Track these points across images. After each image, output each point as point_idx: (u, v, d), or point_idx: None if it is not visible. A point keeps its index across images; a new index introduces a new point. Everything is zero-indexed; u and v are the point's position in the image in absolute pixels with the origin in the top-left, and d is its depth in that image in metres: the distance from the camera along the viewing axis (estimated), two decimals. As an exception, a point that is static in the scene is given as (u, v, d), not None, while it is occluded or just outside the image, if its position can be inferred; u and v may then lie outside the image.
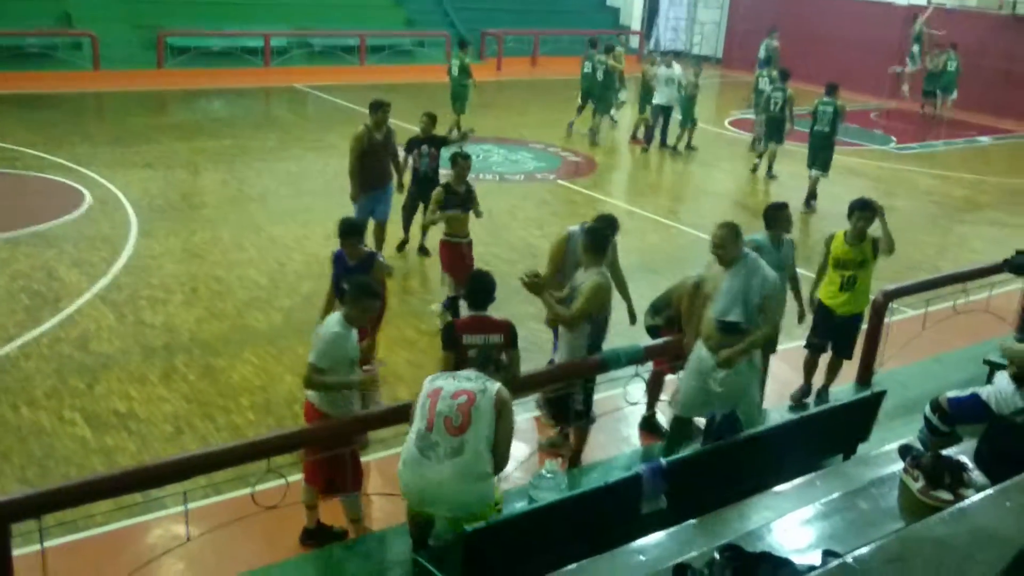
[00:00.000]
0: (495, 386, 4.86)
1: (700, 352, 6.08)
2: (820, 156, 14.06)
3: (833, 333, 7.66)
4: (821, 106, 13.99)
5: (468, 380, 4.89)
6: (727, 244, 5.94)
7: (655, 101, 17.10)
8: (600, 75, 17.77)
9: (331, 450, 5.49)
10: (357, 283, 5.67)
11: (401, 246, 10.90)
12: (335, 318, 5.52)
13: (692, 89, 17.29)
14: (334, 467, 5.56)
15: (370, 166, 10.04)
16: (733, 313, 5.89)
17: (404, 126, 17.64)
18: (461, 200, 8.96)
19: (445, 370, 5.53)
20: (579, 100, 18.44)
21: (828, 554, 3.57)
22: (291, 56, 23.76)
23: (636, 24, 30.54)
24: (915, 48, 22.97)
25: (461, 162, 9.01)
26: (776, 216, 7.41)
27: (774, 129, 15.52)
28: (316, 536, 5.72)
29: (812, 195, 14.08)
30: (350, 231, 6.87)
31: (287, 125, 18.06)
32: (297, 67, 23.19)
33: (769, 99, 15.53)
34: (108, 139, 15.59)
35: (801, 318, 7.75)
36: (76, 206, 11.84)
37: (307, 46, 24.28)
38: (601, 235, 6.55)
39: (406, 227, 10.87)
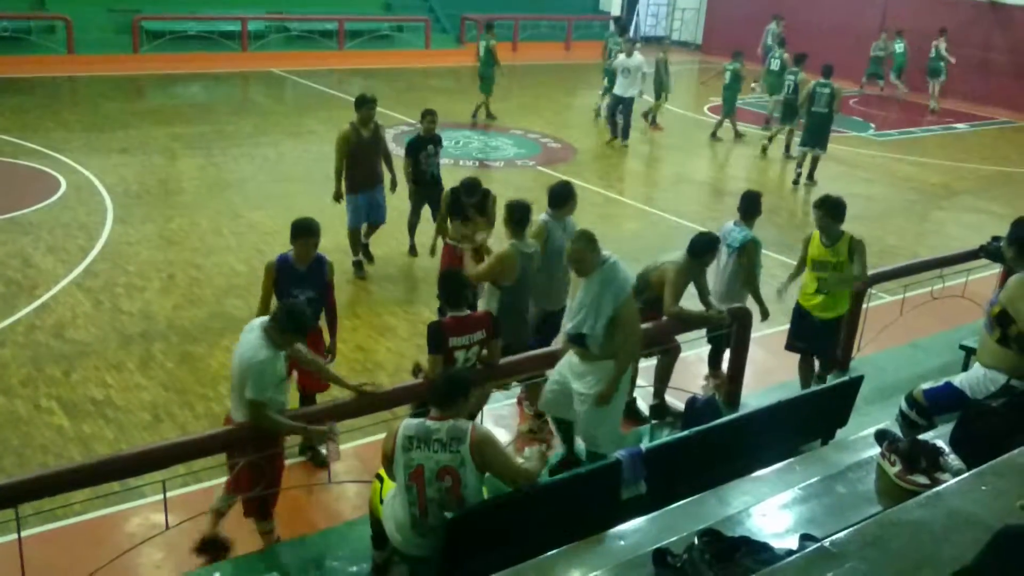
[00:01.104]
0: (466, 447, 4.52)
1: (570, 356, 5.89)
2: (818, 136, 14.55)
3: (811, 337, 7.35)
4: (819, 88, 14.39)
5: (442, 447, 4.50)
6: (585, 258, 5.56)
7: (614, 91, 16.51)
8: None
9: (260, 471, 5.16)
10: (290, 311, 5.14)
11: (412, 250, 10.28)
12: (258, 341, 5.04)
13: (733, 79, 17.27)
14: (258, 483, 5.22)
15: (358, 166, 9.45)
16: (585, 325, 5.52)
17: (386, 112, 17.59)
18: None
19: (434, 374, 5.47)
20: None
21: (806, 538, 3.60)
22: (269, 40, 23.56)
23: (616, 10, 30.48)
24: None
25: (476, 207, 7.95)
26: (759, 205, 7.45)
27: (789, 111, 15.80)
28: (208, 548, 5.37)
29: (810, 173, 14.74)
30: (305, 231, 6.15)
31: (265, 110, 17.92)
32: (275, 52, 23.00)
33: (783, 82, 15.88)
34: (83, 124, 15.42)
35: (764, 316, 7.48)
36: (51, 193, 11.71)
37: (285, 30, 24.08)
38: (520, 208, 6.67)
39: (412, 231, 10.27)
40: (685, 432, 5.74)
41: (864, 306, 8.11)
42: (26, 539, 4.72)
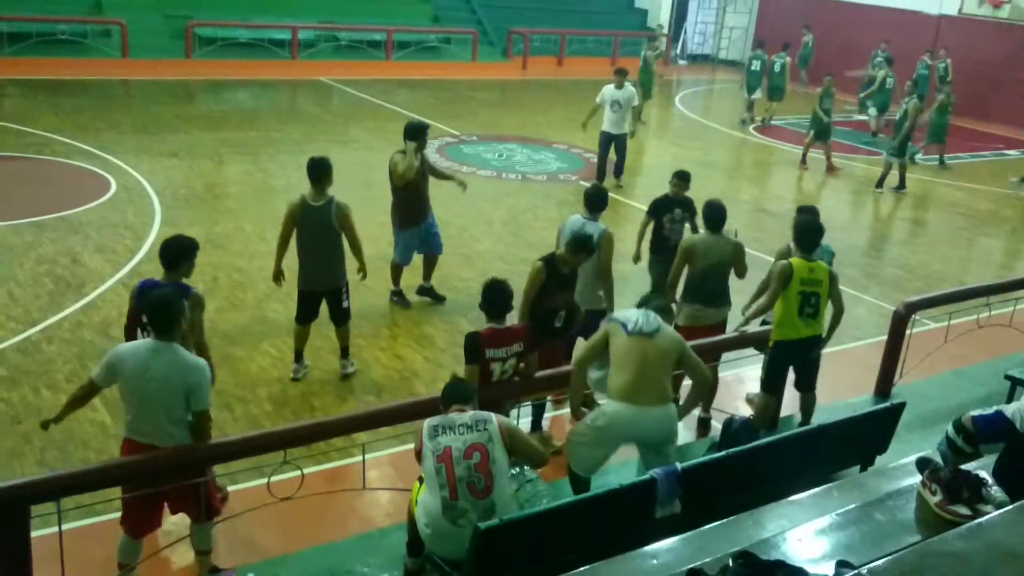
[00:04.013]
0: (493, 425, 4.79)
1: None
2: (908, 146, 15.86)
3: None
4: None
5: (468, 429, 4.75)
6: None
7: (603, 128, 14.50)
8: (778, 67, 20.56)
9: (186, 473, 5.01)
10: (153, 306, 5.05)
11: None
12: (185, 354, 4.97)
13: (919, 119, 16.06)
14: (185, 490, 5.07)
15: (410, 200, 8.93)
16: None
17: (432, 123, 17.68)
18: (564, 282, 6.84)
19: (469, 381, 5.52)
20: (748, 94, 20.92)
21: (843, 565, 3.54)
22: (318, 49, 23.86)
23: (664, 27, 30.43)
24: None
25: (584, 256, 6.75)
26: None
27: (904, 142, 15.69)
28: None
29: (881, 181, 15.82)
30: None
31: (312, 118, 18.12)
32: (323, 60, 23.28)
33: (906, 111, 15.60)
34: (134, 127, 15.72)
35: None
36: (101, 193, 11.94)
37: (334, 40, 24.37)
38: (320, 163, 7.59)
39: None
40: (721, 453, 5.69)
41: (908, 332, 8.00)
42: (66, 532, 4.80)
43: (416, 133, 8.82)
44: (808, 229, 6.82)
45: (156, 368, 4.81)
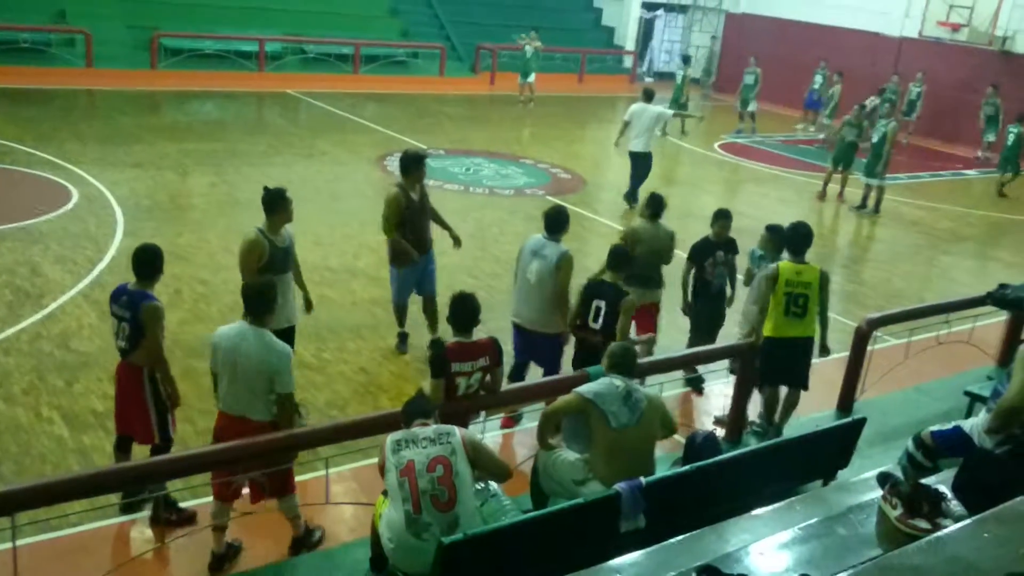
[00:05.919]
0: (456, 438, 4.81)
1: None
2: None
3: None
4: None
5: (431, 442, 4.77)
6: None
7: (630, 148, 14.69)
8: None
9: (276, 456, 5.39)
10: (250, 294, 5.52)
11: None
12: (270, 339, 5.33)
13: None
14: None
15: (406, 235, 8.27)
16: None
17: (398, 137, 17.71)
18: None
19: (435, 398, 5.51)
20: (741, 107, 22.23)
21: (805, 579, 3.57)
22: (285, 62, 23.76)
23: (630, 44, 30.69)
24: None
25: (627, 268, 7.16)
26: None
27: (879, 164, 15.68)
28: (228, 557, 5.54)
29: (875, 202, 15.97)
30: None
31: (278, 130, 18.03)
32: (291, 73, 23.18)
33: (884, 135, 15.60)
34: (98, 137, 15.54)
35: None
36: (63, 203, 11.78)
37: (301, 52, 24.27)
38: (275, 194, 6.89)
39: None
40: (685, 467, 5.71)
41: (869, 348, 8.10)
42: (21, 548, 4.70)
43: (407, 164, 8.33)
44: (796, 232, 7.27)
45: (245, 349, 5.25)
